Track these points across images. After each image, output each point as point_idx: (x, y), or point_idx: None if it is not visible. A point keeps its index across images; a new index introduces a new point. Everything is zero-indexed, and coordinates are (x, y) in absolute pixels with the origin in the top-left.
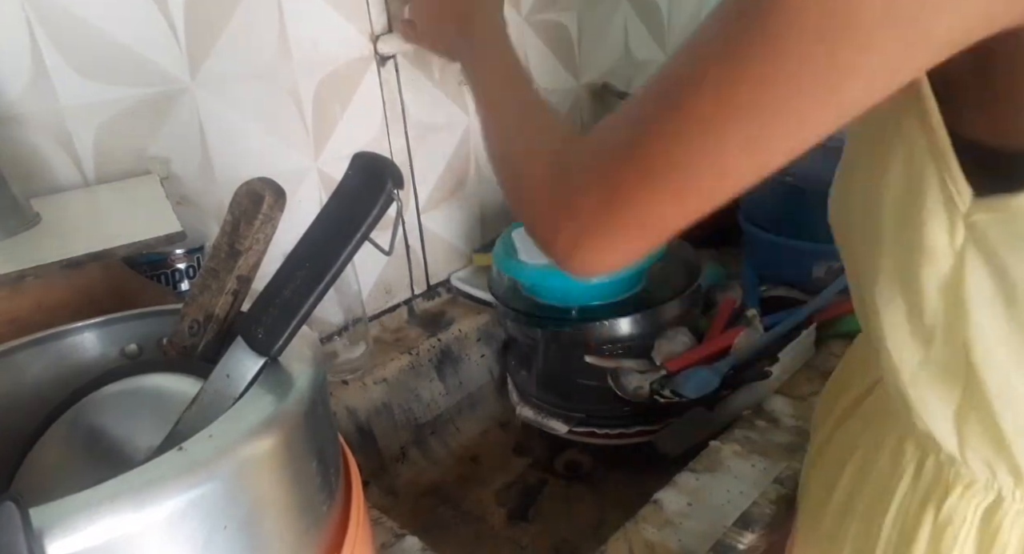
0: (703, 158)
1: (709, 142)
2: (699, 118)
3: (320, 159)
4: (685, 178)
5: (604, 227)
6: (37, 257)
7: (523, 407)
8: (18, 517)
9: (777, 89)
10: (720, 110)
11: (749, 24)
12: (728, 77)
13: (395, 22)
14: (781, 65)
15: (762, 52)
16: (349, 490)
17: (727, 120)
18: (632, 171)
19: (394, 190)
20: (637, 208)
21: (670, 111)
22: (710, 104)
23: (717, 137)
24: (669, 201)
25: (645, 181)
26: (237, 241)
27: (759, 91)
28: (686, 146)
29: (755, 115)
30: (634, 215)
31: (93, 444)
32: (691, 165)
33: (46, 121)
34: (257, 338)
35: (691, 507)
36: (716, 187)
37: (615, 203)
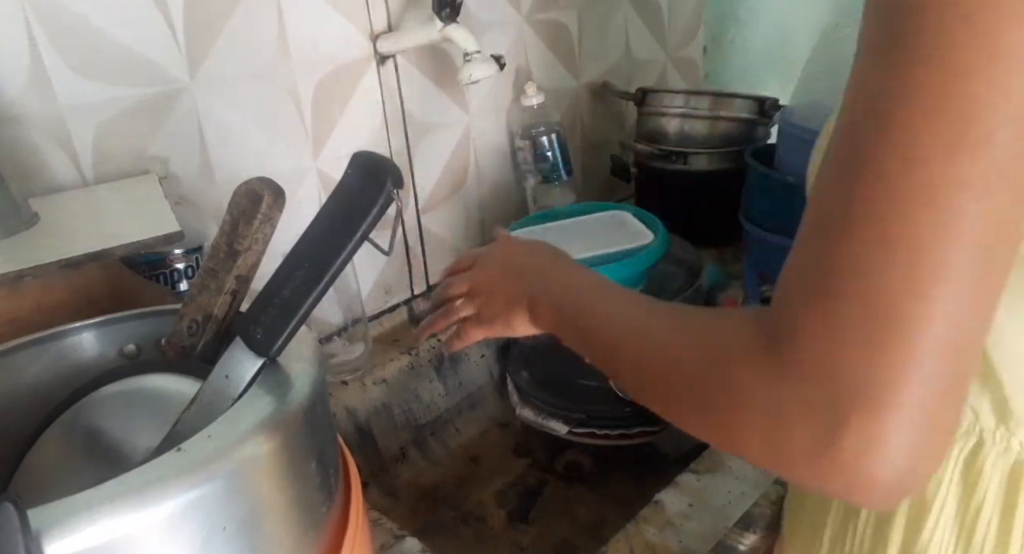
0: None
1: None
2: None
3: (319, 159)
4: (957, 322)
5: (892, 383)
6: (36, 257)
7: (523, 408)
8: (16, 518)
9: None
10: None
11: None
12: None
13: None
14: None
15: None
16: (348, 491)
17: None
18: (867, 301)
19: (393, 190)
20: (912, 333)
21: (886, 252)
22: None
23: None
24: (951, 361)
25: (883, 307)
26: (236, 241)
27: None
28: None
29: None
30: (916, 344)
31: (92, 445)
32: (953, 306)
33: (45, 121)
34: (256, 338)
35: (692, 508)
36: (981, 295)
37: (881, 343)
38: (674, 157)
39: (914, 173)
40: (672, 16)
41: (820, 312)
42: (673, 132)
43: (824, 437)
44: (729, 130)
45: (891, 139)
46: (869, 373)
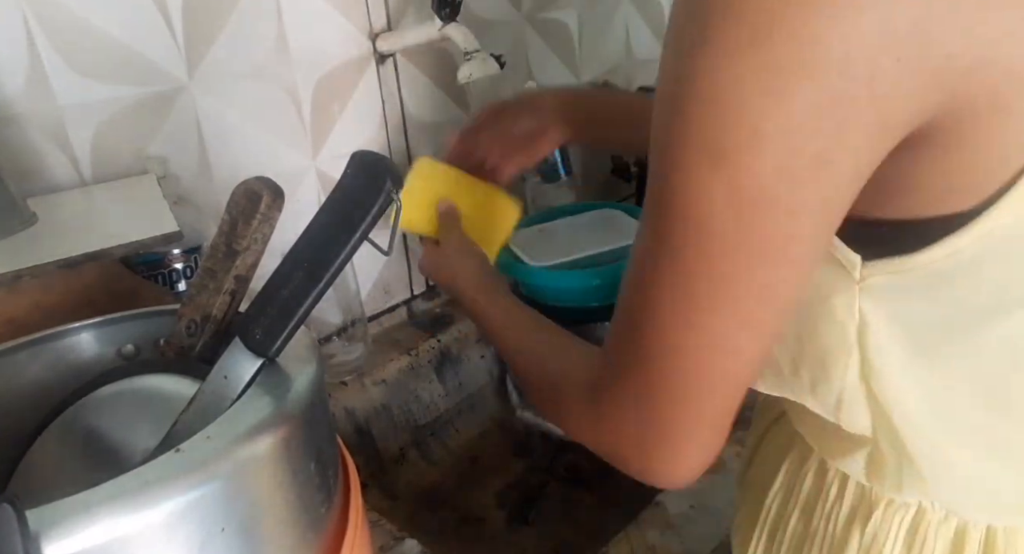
0: (704, 351)
1: (697, 330)
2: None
3: (318, 158)
4: (701, 372)
5: (660, 442)
6: (34, 257)
7: (523, 409)
8: (14, 519)
9: (728, 282)
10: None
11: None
12: (677, 274)
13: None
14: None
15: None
16: (348, 492)
17: (698, 310)
18: (652, 378)
19: (393, 189)
20: (673, 416)
21: (648, 316)
22: (675, 299)
23: (702, 324)
24: (696, 404)
25: (667, 383)
26: (235, 241)
27: (712, 285)
28: (686, 347)
29: (724, 302)
30: (677, 422)
31: (90, 445)
32: (702, 362)
33: (43, 120)
34: (255, 339)
35: (693, 509)
36: (730, 367)
37: (652, 422)
38: None
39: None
40: None
41: (619, 382)
42: None
43: (619, 461)
44: None
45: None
46: (646, 431)
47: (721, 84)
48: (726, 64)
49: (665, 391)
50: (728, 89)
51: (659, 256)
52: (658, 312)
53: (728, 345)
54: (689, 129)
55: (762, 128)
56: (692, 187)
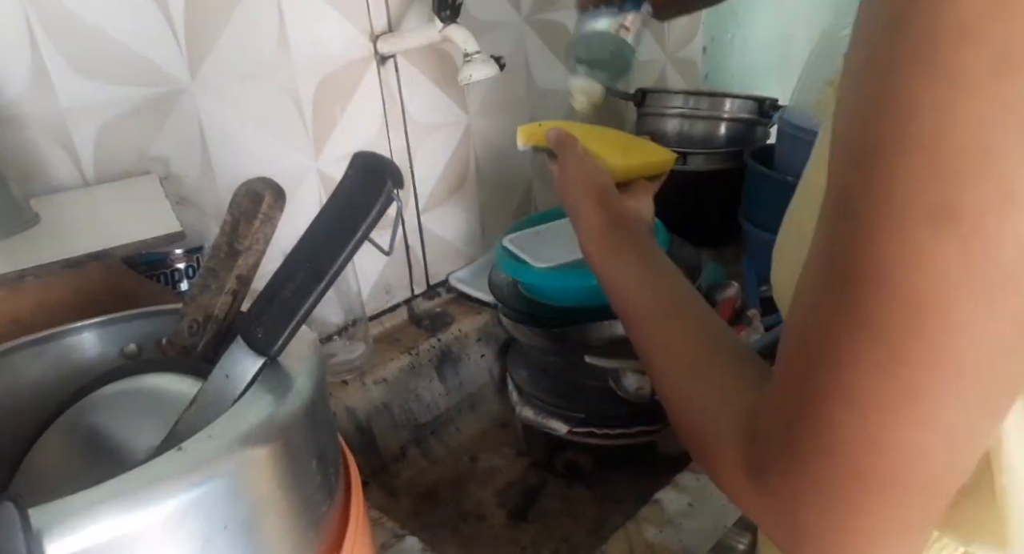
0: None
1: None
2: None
3: (320, 159)
4: (914, 472)
5: (842, 546)
6: (37, 257)
7: (523, 408)
8: (17, 517)
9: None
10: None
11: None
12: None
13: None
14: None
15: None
16: (349, 490)
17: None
18: (845, 472)
19: (394, 190)
20: (867, 518)
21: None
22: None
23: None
24: (910, 498)
25: (870, 482)
26: (236, 241)
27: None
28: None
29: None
30: (869, 525)
31: (93, 444)
32: (905, 446)
33: (46, 121)
34: (256, 338)
35: (692, 507)
36: (952, 464)
37: (836, 518)
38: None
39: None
40: None
41: (791, 466)
42: (673, 132)
43: (786, 544)
44: (728, 130)
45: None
46: (824, 533)
47: (953, 126)
48: (963, 99)
49: (860, 491)
50: (964, 132)
51: (853, 335)
52: (857, 400)
53: (954, 442)
54: (904, 183)
55: (1015, 184)
56: (908, 254)
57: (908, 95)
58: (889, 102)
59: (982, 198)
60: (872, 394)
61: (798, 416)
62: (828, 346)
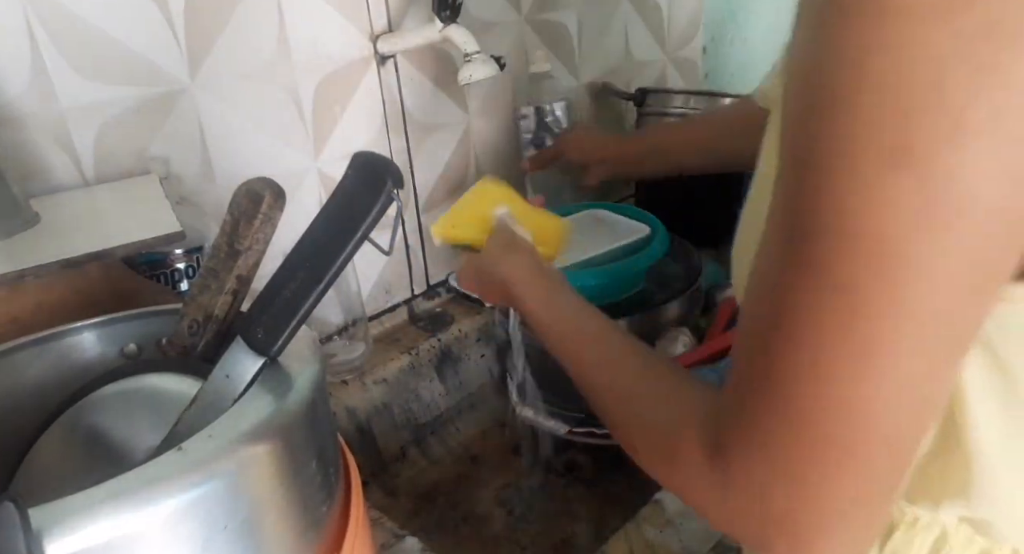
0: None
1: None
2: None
3: (320, 159)
4: (876, 431)
5: (813, 527)
6: (37, 257)
7: (523, 408)
8: (17, 517)
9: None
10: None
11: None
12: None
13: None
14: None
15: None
16: (349, 490)
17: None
18: (808, 441)
19: (394, 190)
20: (833, 489)
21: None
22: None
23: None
24: (874, 459)
25: (831, 446)
26: (236, 241)
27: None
28: (838, 385)
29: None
30: (837, 499)
31: (93, 444)
32: (856, 405)
33: (46, 121)
34: (256, 338)
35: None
36: (915, 421)
37: (803, 498)
38: None
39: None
40: (671, 16)
41: (755, 451)
42: None
43: (756, 542)
44: None
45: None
46: (793, 518)
47: (905, 63)
48: (913, 37)
49: (826, 458)
50: (919, 67)
51: (816, 291)
52: (818, 360)
53: (915, 395)
54: (861, 126)
55: (969, 117)
56: (865, 200)
57: (858, 37)
58: (840, 46)
59: (937, 133)
60: (833, 351)
61: (759, 386)
62: (788, 308)
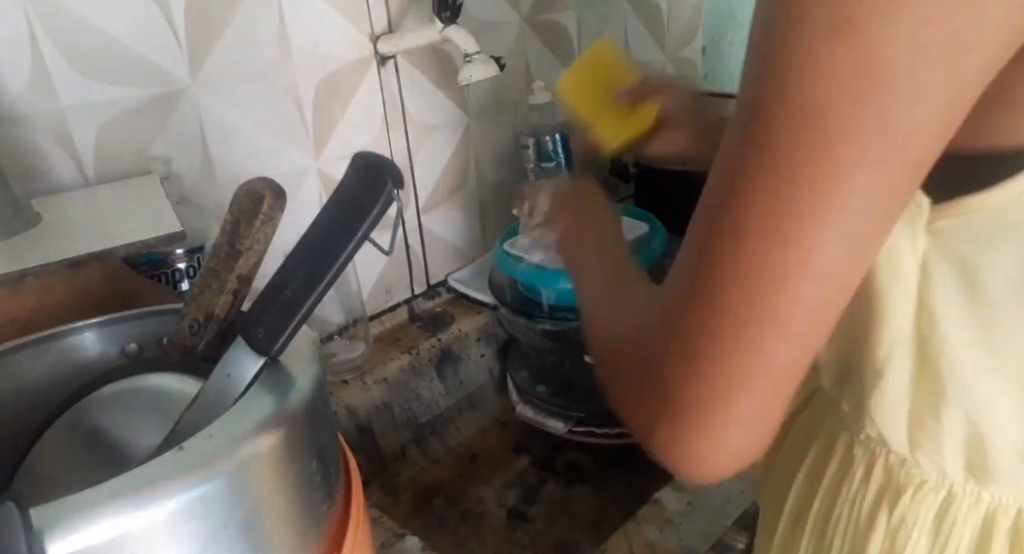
0: (772, 276)
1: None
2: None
3: (320, 159)
4: (780, 300)
5: (701, 408)
6: (38, 257)
7: (523, 407)
8: (18, 517)
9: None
10: (775, 223)
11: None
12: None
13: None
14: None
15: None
16: (349, 489)
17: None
18: (716, 305)
19: (394, 190)
20: (728, 366)
21: (726, 242)
22: (761, 220)
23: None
24: (761, 344)
25: (735, 311)
26: (237, 241)
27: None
28: (749, 272)
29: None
30: (729, 378)
31: (93, 444)
32: (765, 289)
33: (47, 121)
34: (257, 338)
35: (691, 507)
36: (818, 296)
37: (702, 368)
38: None
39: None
40: (671, 17)
41: (668, 321)
42: None
43: (645, 423)
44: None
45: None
46: (683, 388)
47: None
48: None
49: (729, 323)
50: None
51: (752, 155)
52: (741, 223)
53: (820, 266)
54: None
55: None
56: (805, 65)
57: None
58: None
59: (872, 4)
60: (754, 211)
61: (688, 265)
62: (727, 177)
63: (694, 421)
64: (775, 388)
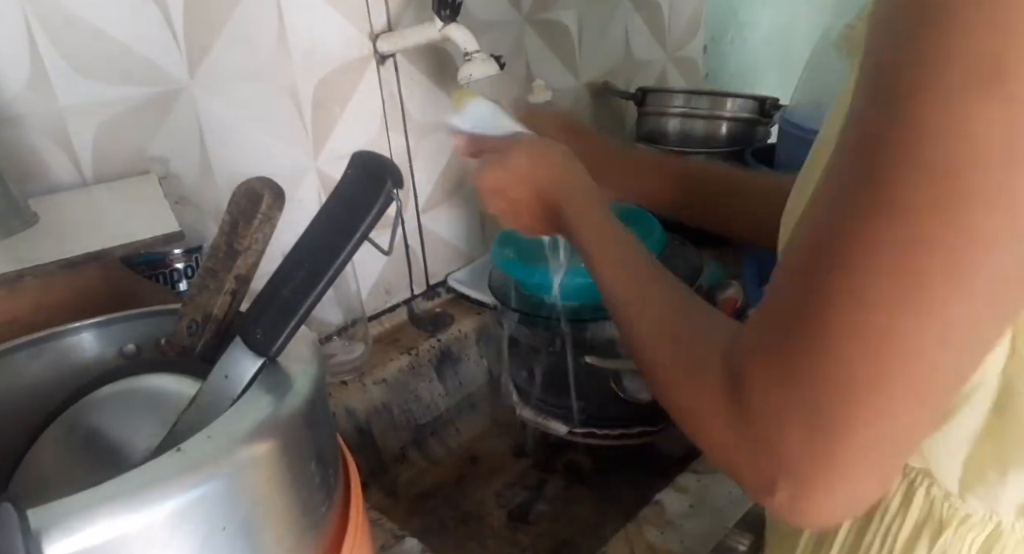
0: (901, 329)
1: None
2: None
3: (319, 159)
4: (914, 371)
5: (824, 467)
6: (36, 257)
7: (523, 408)
8: (16, 518)
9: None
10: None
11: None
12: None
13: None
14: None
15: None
16: (348, 491)
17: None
18: (836, 371)
19: (393, 190)
20: (856, 432)
21: (847, 280)
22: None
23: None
24: (894, 410)
25: (860, 380)
26: (236, 241)
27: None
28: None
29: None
30: (858, 443)
31: (91, 445)
32: (897, 337)
33: (44, 121)
34: (256, 338)
35: (693, 508)
36: (955, 367)
37: (828, 435)
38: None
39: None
40: (672, 16)
41: (778, 378)
42: (673, 132)
43: (761, 483)
44: (729, 130)
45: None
46: (806, 453)
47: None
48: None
49: (852, 393)
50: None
51: (877, 215)
52: (867, 290)
53: (961, 338)
54: (949, 42)
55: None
56: (946, 121)
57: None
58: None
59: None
60: (881, 277)
61: (793, 312)
62: (842, 232)
63: (822, 485)
64: (906, 445)
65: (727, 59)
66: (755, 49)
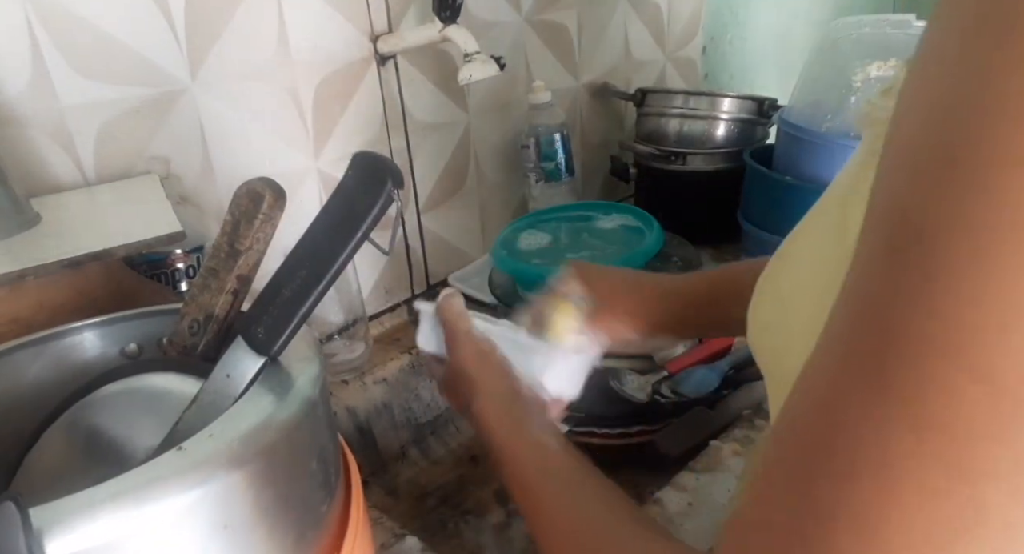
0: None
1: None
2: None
3: (320, 159)
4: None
5: None
6: (37, 257)
7: None
8: (18, 517)
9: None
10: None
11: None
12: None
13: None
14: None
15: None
16: (349, 490)
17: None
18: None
19: (394, 190)
20: None
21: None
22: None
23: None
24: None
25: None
26: (237, 241)
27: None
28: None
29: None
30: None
31: (93, 444)
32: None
33: (46, 121)
34: (257, 338)
35: (692, 507)
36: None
37: None
38: (673, 157)
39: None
40: (671, 16)
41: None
42: (672, 132)
43: None
44: (728, 130)
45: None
46: None
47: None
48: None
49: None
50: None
51: (907, 440)
52: (888, 502)
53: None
54: (1008, 196)
55: None
56: (988, 300)
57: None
58: (983, 101)
59: None
60: (917, 522)
61: (788, 541)
62: (863, 453)
63: None
64: None
65: (726, 60)
66: (754, 50)
